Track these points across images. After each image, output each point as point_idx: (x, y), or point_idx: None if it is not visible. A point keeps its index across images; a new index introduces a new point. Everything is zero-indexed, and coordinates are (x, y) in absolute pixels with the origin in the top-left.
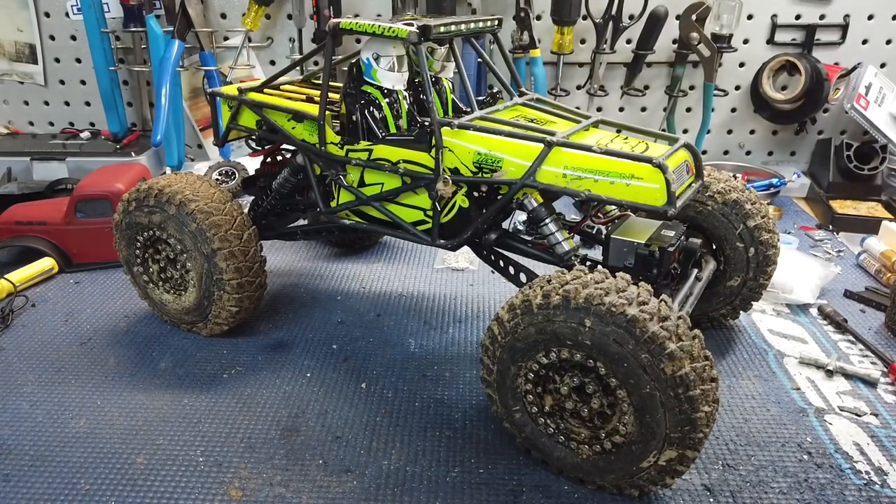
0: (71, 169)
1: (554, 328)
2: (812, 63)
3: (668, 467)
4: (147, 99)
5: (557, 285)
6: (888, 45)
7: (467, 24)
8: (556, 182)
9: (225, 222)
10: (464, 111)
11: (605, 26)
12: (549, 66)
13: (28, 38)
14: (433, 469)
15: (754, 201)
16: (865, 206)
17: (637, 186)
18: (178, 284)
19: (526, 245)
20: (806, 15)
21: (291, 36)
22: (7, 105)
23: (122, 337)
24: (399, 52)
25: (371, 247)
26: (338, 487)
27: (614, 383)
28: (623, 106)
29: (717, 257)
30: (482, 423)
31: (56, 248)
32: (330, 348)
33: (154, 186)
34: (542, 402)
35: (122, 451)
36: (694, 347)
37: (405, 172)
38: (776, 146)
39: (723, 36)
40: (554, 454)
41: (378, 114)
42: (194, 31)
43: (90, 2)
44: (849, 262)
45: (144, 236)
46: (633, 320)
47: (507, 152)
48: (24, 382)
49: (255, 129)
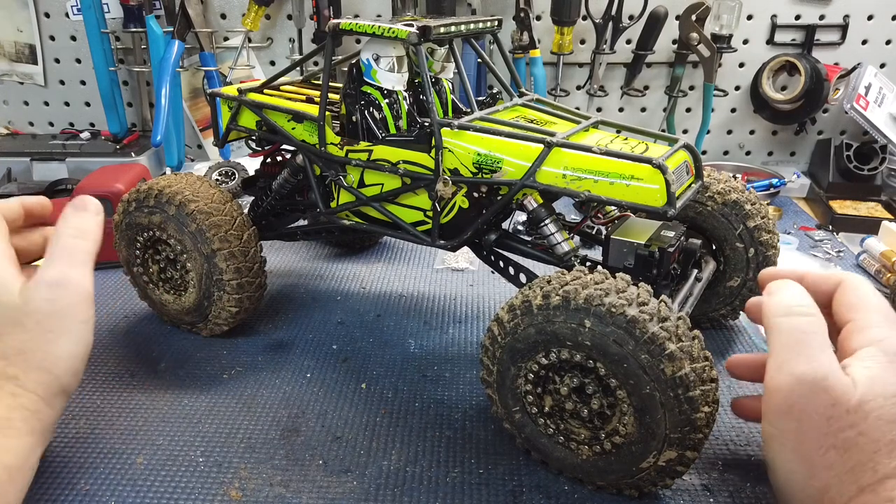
0: (71, 169)
1: (554, 329)
2: (812, 63)
3: (667, 468)
4: (147, 99)
5: (557, 286)
6: (888, 46)
7: (467, 24)
8: (556, 183)
9: (225, 223)
10: (464, 112)
11: (605, 26)
12: (548, 66)
13: (28, 38)
14: (433, 469)
15: (754, 202)
16: (865, 207)
17: (637, 187)
18: (177, 285)
19: (526, 245)
20: (806, 15)
21: (291, 36)
22: (7, 105)
23: (122, 337)
24: (399, 53)
25: (371, 247)
26: (338, 487)
27: (614, 384)
28: (623, 106)
29: (716, 258)
30: (482, 424)
31: None
32: (330, 349)
33: (154, 187)
34: (541, 403)
35: (121, 451)
36: (694, 348)
37: (405, 173)
38: (776, 146)
39: (723, 36)
40: (554, 455)
41: (378, 114)
42: (194, 32)
43: (90, 2)
44: (848, 263)
45: (144, 237)
46: (632, 321)
47: (507, 153)
48: None
49: (255, 130)
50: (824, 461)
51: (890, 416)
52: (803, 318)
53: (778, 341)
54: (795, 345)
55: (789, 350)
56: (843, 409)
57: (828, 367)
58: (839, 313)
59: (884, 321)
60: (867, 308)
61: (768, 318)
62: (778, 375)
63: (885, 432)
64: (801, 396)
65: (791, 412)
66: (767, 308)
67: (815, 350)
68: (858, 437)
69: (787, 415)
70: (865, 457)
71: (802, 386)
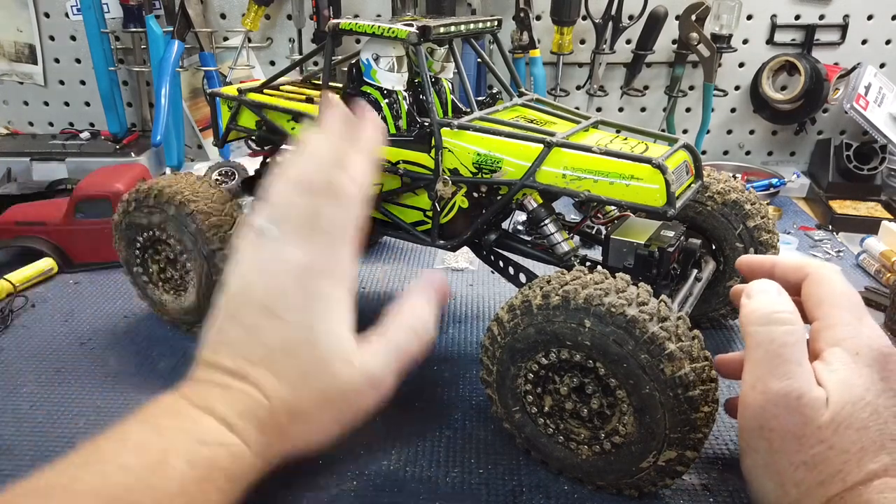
0: (71, 169)
1: (554, 329)
2: (812, 63)
3: (667, 468)
4: (147, 99)
5: (557, 286)
6: (888, 46)
7: (467, 24)
8: (556, 182)
9: (224, 223)
10: (463, 111)
11: (605, 26)
12: (548, 66)
13: (28, 38)
14: (433, 469)
15: (754, 201)
16: (865, 207)
17: (637, 187)
18: (177, 285)
19: (525, 245)
20: (805, 15)
21: (291, 36)
22: (7, 105)
23: (122, 337)
24: (399, 53)
25: (371, 247)
26: (338, 487)
27: (614, 384)
28: (623, 106)
29: (716, 258)
30: (482, 424)
31: (56, 249)
32: None
33: (154, 187)
34: (541, 403)
35: None
36: (694, 348)
37: (405, 173)
38: (776, 146)
39: (722, 36)
40: (553, 454)
41: (378, 114)
42: (194, 32)
43: (90, 2)
44: (848, 263)
45: (144, 237)
46: (632, 321)
47: (507, 153)
48: (24, 382)
49: (255, 130)
50: (794, 478)
51: (858, 422)
52: (781, 328)
53: (755, 354)
54: (772, 359)
55: (764, 365)
56: (815, 426)
57: (803, 383)
58: (807, 308)
59: (849, 317)
60: (831, 304)
61: (745, 326)
62: (751, 392)
63: (854, 441)
64: (772, 416)
65: (762, 431)
66: (744, 314)
67: (792, 364)
68: (828, 452)
69: (758, 433)
70: (834, 469)
71: (775, 406)
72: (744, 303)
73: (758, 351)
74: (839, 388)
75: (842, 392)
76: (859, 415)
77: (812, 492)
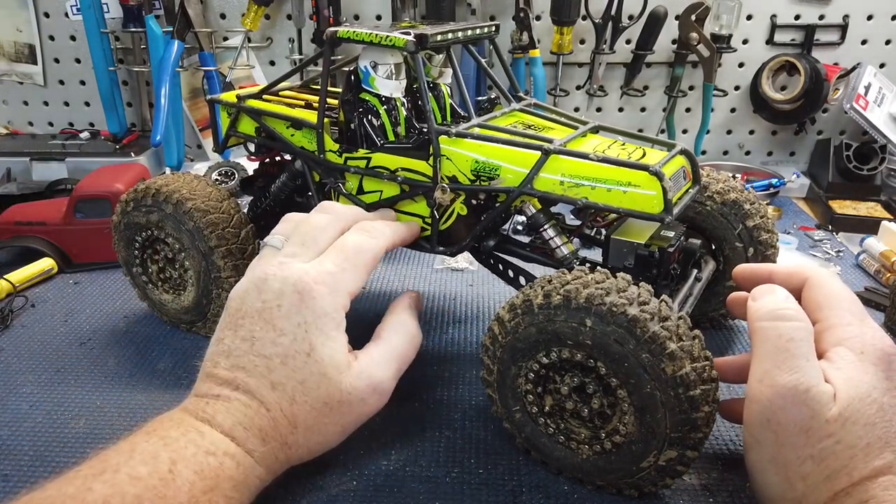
0: (70, 169)
1: (555, 328)
2: (811, 63)
3: (668, 467)
4: (147, 99)
5: (558, 285)
6: (888, 46)
7: (464, 31)
8: (554, 190)
9: (222, 220)
10: (462, 117)
11: (605, 26)
12: (548, 66)
13: (27, 38)
14: (433, 469)
15: (753, 201)
16: (865, 207)
17: (634, 193)
18: (176, 284)
19: (525, 249)
20: (805, 15)
21: (291, 36)
22: (6, 105)
23: (122, 337)
24: (396, 60)
25: None
26: (338, 487)
27: (615, 383)
28: (622, 106)
29: (716, 257)
30: (482, 423)
31: (56, 249)
32: None
33: (151, 186)
34: (542, 403)
35: None
36: (694, 347)
37: (404, 180)
38: (775, 146)
39: (722, 36)
40: (554, 454)
41: (376, 121)
42: (194, 32)
43: (90, 2)
44: (848, 263)
45: (143, 236)
46: (633, 320)
47: (505, 160)
48: (24, 383)
49: (255, 136)
50: (801, 472)
51: (865, 418)
52: (788, 324)
53: (762, 349)
54: (779, 353)
55: (772, 359)
56: (822, 420)
57: (811, 377)
58: (808, 311)
59: (851, 317)
60: (833, 305)
61: (752, 322)
62: (759, 386)
63: (860, 437)
64: (780, 409)
65: (769, 424)
66: (752, 311)
67: (800, 359)
68: (835, 446)
69: (765, 426)
70: (841, 464)
71: (783, 399)
72: (750, 304)
73: (765, 346)
74: (846, 384)
75: (849, 388)
76: (866, 411)
77: (819, 486)
